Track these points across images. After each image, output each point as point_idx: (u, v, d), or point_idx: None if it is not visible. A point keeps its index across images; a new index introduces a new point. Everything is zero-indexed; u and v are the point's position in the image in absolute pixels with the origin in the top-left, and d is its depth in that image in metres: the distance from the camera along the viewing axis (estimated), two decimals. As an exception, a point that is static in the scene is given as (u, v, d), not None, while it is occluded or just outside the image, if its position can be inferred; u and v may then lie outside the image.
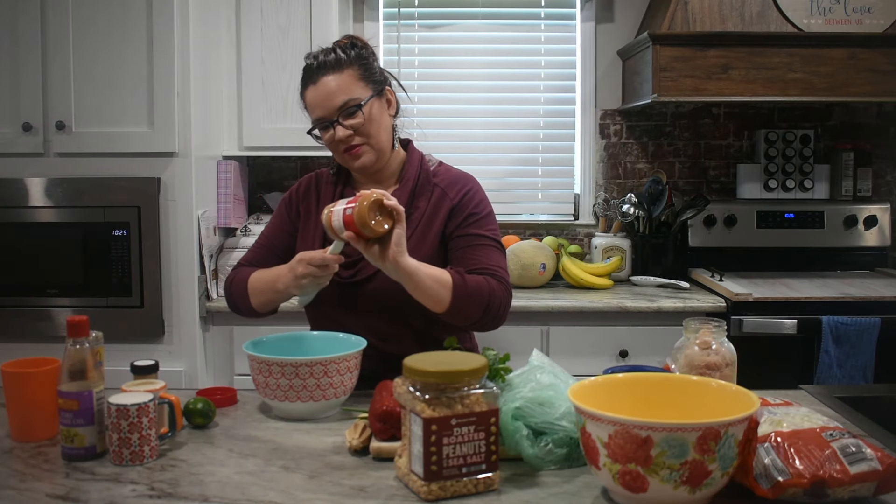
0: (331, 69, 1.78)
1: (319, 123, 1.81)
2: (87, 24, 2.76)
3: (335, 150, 1.83)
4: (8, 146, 2.80)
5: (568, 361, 1.90)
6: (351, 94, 1.78)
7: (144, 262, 2.79)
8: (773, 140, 3.41)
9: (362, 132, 1.79)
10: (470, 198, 1.86)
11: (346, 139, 1.79)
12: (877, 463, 1.16)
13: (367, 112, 1.79)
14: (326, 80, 1.78)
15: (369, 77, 1.82)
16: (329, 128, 1.80)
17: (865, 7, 3.02)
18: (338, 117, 1.78)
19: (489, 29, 3.51)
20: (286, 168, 3.54)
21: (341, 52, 1.81)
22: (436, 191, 1.86)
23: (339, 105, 1.77)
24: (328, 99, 1.78)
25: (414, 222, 1.82)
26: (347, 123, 1.78)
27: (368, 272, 1.80)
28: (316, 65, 1.80)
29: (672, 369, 1.57)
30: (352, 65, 1.80)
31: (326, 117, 1.79)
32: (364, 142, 1.80)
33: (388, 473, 1.33)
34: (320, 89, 1.78)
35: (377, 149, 1.82)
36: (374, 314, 1.82)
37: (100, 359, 1.56)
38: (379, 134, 1.82)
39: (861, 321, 2.74)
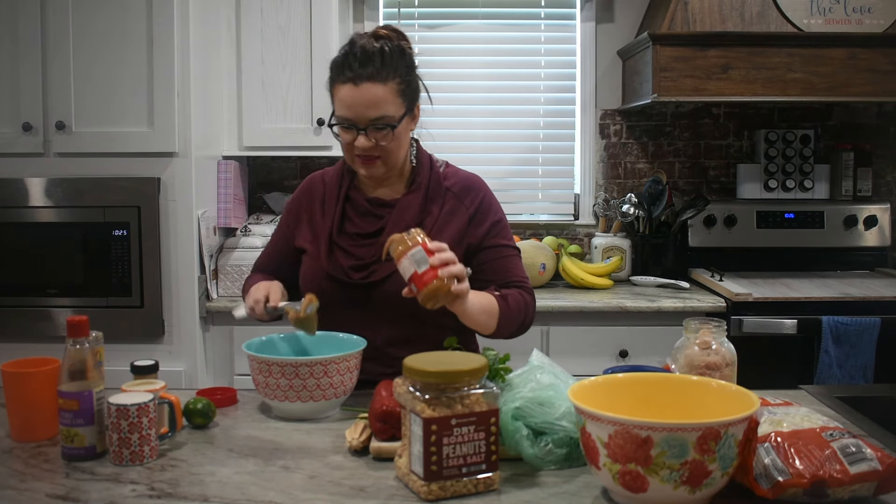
0: (377, 77, 1.72)
1: (344, 122, 1.75)
2: (87, 25, 2.76)
3: (348, 151, 1.79)
4: (8, 146, 2.80)
5: (568, 361, 1.90)
6: (387, 110, 1.73)
7: (144, 262, 2.79)
8: (773, 140, 3.41)
9: (384, 149, 1.76)
10: (487, 205, 1.87)
11: (366, 149, 1.75)
12: (877, 463, 1.16)
13: (394, 132, 1.75)
14: (369, 87, 1.71)
15: (407, 93, 1.78)
16: (352, 130, 1.75)
17: (865, 7, 3.02)
18: (366, 127, 1.73)
19: (489, 29, 3.51)
20: (286, 168, 3.54)
21: (390, 57, 1.74)
22: (448, 197, 1.85)
23: (373, 117, 1.72)
24: (366, 108, 1.72)
25: (426, 227, 1.80)
26: (373, 136, 1.74)
27: (382, 274, 1.78)
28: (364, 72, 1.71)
29: (672, 369, 1.57)
30: (397, 78, 1.74)
31: (355, 121, 1.74)
32: (381, 156, 1.77)
33: (388, 473, 1.33)
34: (361, 94, 1.71)
35: (391, 164, 1.80)
36: (386, 318, 1.80)
37: (100, 359, 1.56)
38: (398, 151, 1.80)
39: (861, 321, 2.74)
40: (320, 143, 3.12)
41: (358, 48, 1.73)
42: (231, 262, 3.03)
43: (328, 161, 3.52)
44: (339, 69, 1.75)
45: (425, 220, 1.82)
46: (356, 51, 1.73)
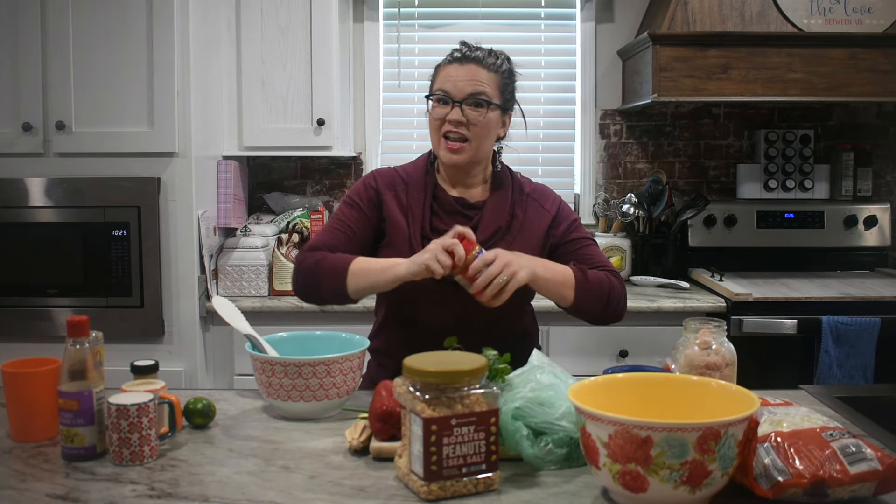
0: (481, 63, 1.83)
1: (442, 94, 1.82)
2: (87, 25, 2.76)
3: (437, 129, 1.83)
4: (8, 146, 2.80)
5: (568, 361, 1.90)
6: (485, 89, 1.82)
7: (144, 262, 2.79)
8: (773, 140, 3.41)
9: (473, 130, 1.81)
10: (565, 208, 1.96)
11: (456, 124, 1.80)
12: (877, 463, 1.16)
13: (488, 115, 1.82)
14: (473, 67, 1.82)
15: (505, 92, 1.88)
16: (447, 104, 1.81)
17: (865, 7, 3.02)
18: (462, 100, 1.80)
19: (489, 29, 3.51)
20: (286, 168, 3.54)
21: (495, 57, 1.86)
22: (530, 202, 1.92)
23: (471, 91, 1.80)
24: (467, 82, 1.81)
25: (515, 229, 1.87)
26: (467, 112, 1.80)
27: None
28: (471, 54, 1.83)
29: (672, 369, 1.57)
30: (500, 73, 1.86)
31: (451, 94, 1.81)
32: (468, 139, 1.82)
33: (388, 473, 1.33)
34: (465, 70, 1.82)
35: (474, 153, 1.84)
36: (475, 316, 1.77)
37: (100, 359, 1.56)
38: (483, 140, 1.85)
39: (861, 321, 2.74)
40: (320, 143, 3.12)
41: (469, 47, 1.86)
42: (231, 262, 3.03)
43: (328, 161, 3.52)
44: (450, 57, 1.85)
45: (513, 221, 1.87)
46: (466, 49, 1.85)
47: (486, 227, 1.85)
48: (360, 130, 3.53)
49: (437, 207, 1.88)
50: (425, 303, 1.83)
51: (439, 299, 1.81)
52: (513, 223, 1.87)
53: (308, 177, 3.54)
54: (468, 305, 1.74)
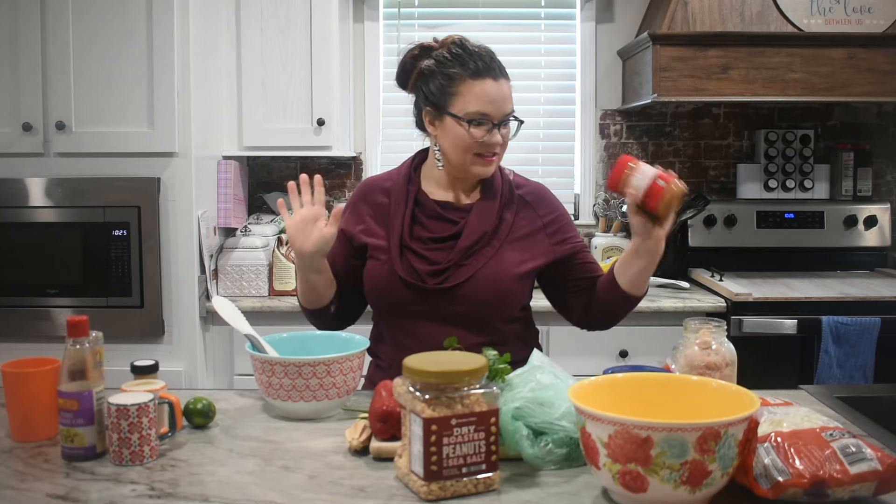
0: (505, 75, 1.80)
1: (483, 118, 1.76)
2: (87, 25, 2.76)
3: (468, 150, 1.77)
4: (8, 146, 2.80)
5: (568, 361, 1.90)
6: (513, 106, 1.80)
7: (144, 262, 2.79)
8: (773, 140, 3.42)
9: (505, 146, 1.81)
10: (560, 212, 1.91)
11: (494, 146, 1.78)
12: (877, 463, 1.16)
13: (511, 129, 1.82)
14: (505, 83, 1.79)
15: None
16: (488, 125, 1.76)
17: (865, 7, 3.02)
18: (500, 122, 1.77)
19: (489, 29, 3.51)
20: (286, 168, 3.54)
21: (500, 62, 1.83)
22: (521, 205, 1.87)
23: (508, 111, 1.78)
24: (504, 102, 1.77)
25: (502, 233, 1.83)
26: (503, 132, 1.79)
27: (457, 279, 1.78)
28: (494, 64, 1.79)
29: (672, 369, 1.57)
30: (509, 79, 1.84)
31: (494, 117, 1.76)
32: (498, 153, 1.81)
33: (388, 473, 1.33)
34: (502, 89, 1.78)
35: (500, 162, 1.85)
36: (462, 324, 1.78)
37: (100, 359, 1.56)
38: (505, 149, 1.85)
39: (861, 321, 2.74)
40: (320, 143, 3.12)
41: (476, 48, 1.80)
42: (231, 262, 3.03)
43: (328, 161, 3.52)
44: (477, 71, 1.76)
45: (500, 225, 1.83)
46: (479, 50, 1.79)
47: (471, 233, 1.80)
48: (360, 130, 3.53)
49: (420, 213, 1.84)
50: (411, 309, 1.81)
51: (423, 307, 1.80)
52: (500, 227, 1.82)
53: (308, 177, 3.54)
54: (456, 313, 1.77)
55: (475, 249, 1.79)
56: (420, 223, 1.84)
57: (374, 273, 1.83)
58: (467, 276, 1.77)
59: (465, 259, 1.79)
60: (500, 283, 1.78)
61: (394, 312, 1.84)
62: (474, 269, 1.78)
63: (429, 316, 1.80)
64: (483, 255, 1.78)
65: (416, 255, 1.81)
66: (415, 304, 1.79)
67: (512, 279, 1.79)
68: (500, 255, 1.80)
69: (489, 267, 1.78)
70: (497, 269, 1.78)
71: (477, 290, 1.77)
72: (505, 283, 1.78)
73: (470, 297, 1.77)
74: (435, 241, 1.82)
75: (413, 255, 1.81)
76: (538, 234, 1.85)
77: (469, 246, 1.79)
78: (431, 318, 1.79)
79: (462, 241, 1.79)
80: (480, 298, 1.77)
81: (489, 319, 1.81)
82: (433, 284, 1.78)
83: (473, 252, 1.79)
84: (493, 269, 1.78)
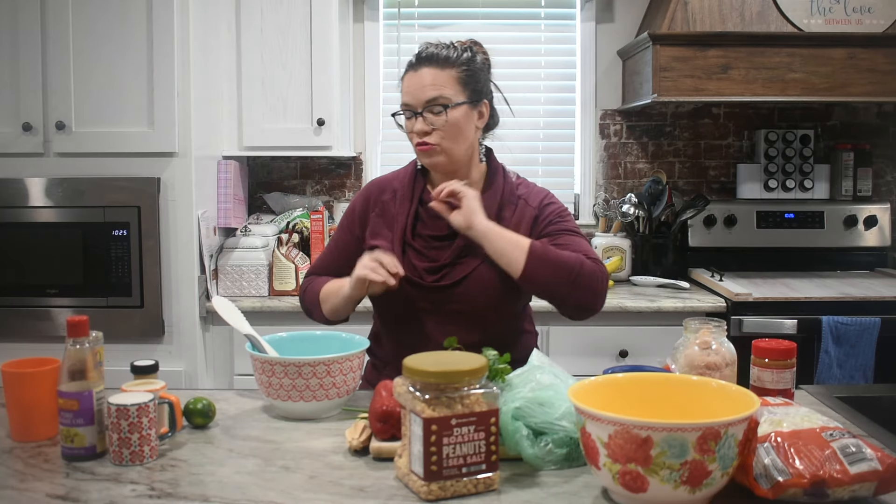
0: (434, 63, 1.81)
1: (404, 109, 1.82)
2: (87, 25, 2.76)
3: (411, 139, 1.83)
4: (8, 146, 2.80)
5: (568, 361, 1.90)
6: (442, 92, 1.78)
7: (144, 262, 2.79)
8: (773, 140, 3.41)
9: (442, 134, 1.79)
10: (552, 205, 1.88)
11: (422, 133, 1.79)
12: (877, 463, 1.16)
13: (452, 115, 1.78)
14: (426, 71, 1.80)
15: (469, 84, 1.82)
16: (412, 117, 1.81)
17: (865, 7, 3.02)
18: (423, 110, 1.79)
19: (489, 29, 3.51)
20: (286, 168, 3.54)
21: (453, 51, 1.83)
22: (519, 202, 1.88)
23: (427, 98, 1.78)
24: (420, 89, 1.79)
25: None
26: (429, 119, 1.78)
27: (455, 277, 1.79)
28: (424, 55, 1.82)
29: (672, 369, 1.57)
30: (456, 66, 1.81)
31: (413, 106, 1.80)
32: (438, 142, 1.80)
33: (388, 473, 1.33)
34: (417, 78, 1.80)
35: (449, 153, 1.81)
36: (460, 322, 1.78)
37: (100, 359, 1.56)
38: (456, 140, 1.81)
39: (861, 321, 2.74)
40: (320, 143, 3.12)
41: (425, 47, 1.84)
42: (231, 262, 3.03)
43: (328, 161, 3.52)
44: (408, 64, 1.84)
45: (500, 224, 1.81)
46: (422, 49, 1.84)
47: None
48: (360, 130, 3.53)
49: (423, 212, 1.86)
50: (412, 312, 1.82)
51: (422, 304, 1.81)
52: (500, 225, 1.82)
53: (308, 177, 3.54)
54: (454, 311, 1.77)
55: (472, 248, 1.79)
56: (423, 221, 1.86)
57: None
58: (463, 274, 1.78)
59: (461, 257, 1.80)
60: (496, 281, 1.78)
61: (393, 309, 1.85)
62: (471, 268, 1.79)
63: (428, 313, 1.81)
64: (480, 254, 1.79)
65: (417, 252, 1.83)
66: (414, 302, 1.81)
67: (508, 277, 1.78)
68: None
69: (486, 265, 1.78)
70: (493, 267, 1.78)
71: (473, 288, 1.78)
72: (501, 282, 1.78)
73: (466, 295, 1.78)
74: (436, 238, 1.83)
75: (414, 253, 1.83)
76: (531, 229, 1.85)
77: (465, 244, 1.79)
78: (430, 315, 1.80)
79: (460, 239, 1.80)
80: (475, 297, 1.78)
81: (486, 317, 1.81)
82: (431, 282, 1.79)
83: (470, 251, 1.79)
84: (490, 268, 1.78)
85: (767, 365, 1.53)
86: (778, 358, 1.52)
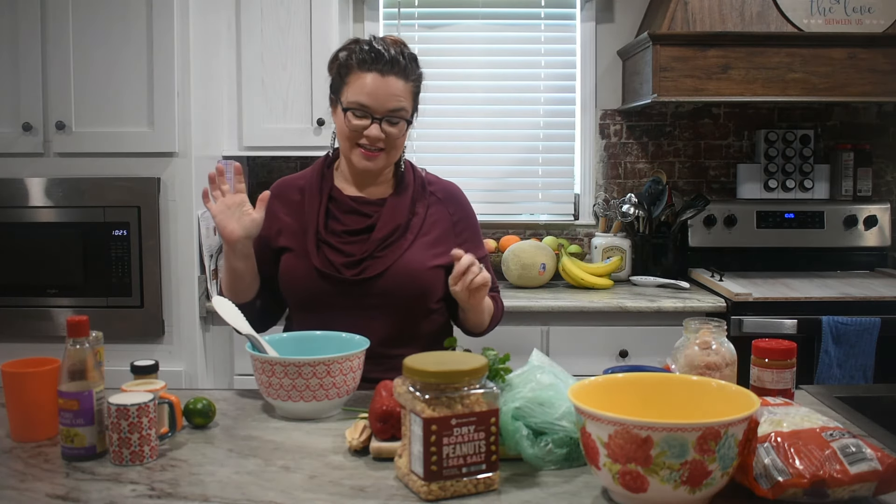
0: (400, 73, 1.80)
1: (360, 109, 1.79)
2: (87, 25, 2.76)
3: (352, 140, 1.82)
4: (8, 146, 2.80)
5: (568, 361, 1.90)
6: (404, 104, 1.81)
7: (144, 262, 2.79)
8: (773, 140, 3.41)
9: (391, 142, 1.82)
10: (469, 216, 1.98)
11: (375, 140, 1.80)
12: (877, 463, 1.16)
13: (404, 128, 1.83)
14: (394, 80, 1.79)
15: (415, 99, 1.87)
16: (366, 118, 1.79)
17: (865, 7, 3.02)
18: (383, 117, 1.79)
19: (489, 29, 3.51)
20: (286, 168, 3.54)
21: (410, 62, 1.83)
22: (433, 200, 1.93)
23: (392, 108, 1.79)
24: (387, 97, 1.78)
25: (415, 227, 1.88)
26: (386, 129, 1.80)
27: (375, 270, 1.81)
28: (388, 58, 1.79)
29: (672, 369, 1.57)
30: (414, 81, 1.84)
31: (373, 109, 1.79)
32: (385, 150, 1.82)
33: (388, 473, 1.33)
34: (385, 84, 1.78)
35: (389, 161, 1.86)
36: (380, 315, 1.82)
37: (100, 359, 1.56)
38: (399, 150, 1.87)
39: (861, 321, 2.74)
40: (320, 143, 3.11)
41: (381, 45, 1.80)
42: (231, 262, 3.03)
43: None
44: (363, 60, 1.79)
45: (412, 219, 1.88)
46: (380, 47, 1.80)
47: (384, 225, 1.85)
48: (360, 130, 3.52)
49: (334, 208, 1.89)
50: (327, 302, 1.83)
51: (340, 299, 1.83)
52: (412, 221, 1.87)
53: (308, 177, 3.54)
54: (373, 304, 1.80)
55: (390, 241, 1.83)
56: (335, 218, 1.88)
57: (290, 266, 1.86)
58: (384, 267, 1.81)
59: (381, 251, 1.83)
60: (416, 274, 1.82)
61: (310, 306, 1.86)
62: (390, 261, 1.82)
63: (345, 308, 1.82)
64: (398, 248, 1.83)
65: (332, 248, 1.84)
66: (332, 297, 1.82)
67: (426, 271, 1.83)
68: (413, 248, 1.84)
69: (404, 259, 1.82)
70: (412, 260, 1.82)
71: (393, 281, 1.81)
72: (420, 275, 1.83)
73: (386, 288, 1.81)
74: (350, 233, 1.86)
75: (329, 249, 1.84)
76: (448, 231, 1.91)
77: (383, 238, 1.83)
78: (348, 310, 1.82)
79: (376, 233, 1.83)
80: (397, 290, 1.81)
81: (405, 312, 1.84)
82: (350, 276, 1.81)
83: (388, 244, 1.83)
84: (408, 261, 1.82)
85: (767, 365, 1.53)
86: (778, 358, 1.52)
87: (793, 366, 1.53)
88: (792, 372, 1.53)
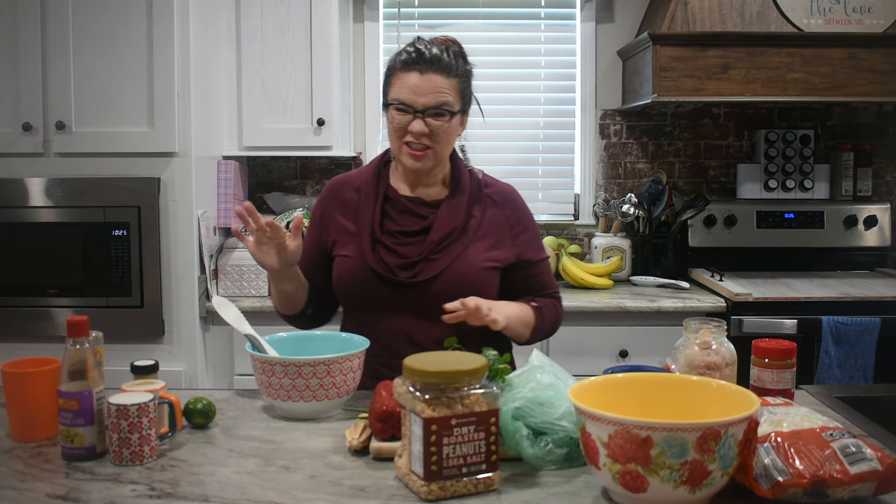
0: (442, 70, 1.79)
1: (402, 106, 1.79)
2: (87, 25, 2.76)
3: (399, 137, 1.81)
4: (8, 146, 2.80)
5: (568, 361, 1.90)
6: (447, 99, 1.79)
7: (144, 262, 2.79)
8: (773, 140, 3.41)
9: (436, 138, 1.80)
10: (526, 218, 1.96)
11: (419, 136, 1.79)
12: (877, 463, 1.16)
13: (449, 123, 1.81)
14: (434, 76, 1.78)
15: (464, 95, 1.85)
16: (408, 114, 1.78)
17: (865, 7, 3.02)
18: (424, 112, 1.78)
19: (489, 29, 3.51)
20: (286, 168, 3.54)
21: (454, 58, 1.82)
22: (489, 203, 1.90)
23: (433, 104, 1.78)
24: (429, 93, 1.77)
25: (471, 229, 1.86)
26: (430, 122, 1.78)
27: (429, 273, 1.80)
28: (430, 56, 1.79)
29: (672, 369, 1.57)
30: (459, 77, 1.82)
31: (413, 105, 1.78)
32: (431, 147, 1.81)
33: (388, 473, 1.33)
34: (427, 81, 1.77)
35: (438, 158, 1.84)
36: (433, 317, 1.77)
37: (100, 359, 1.56)
38: (446, 146, 1.85)
39: (861, 321, 2.74)
40: (320, 143, 3.12)
41: (423, 45, 1.81)
42: (231, 262, 3.03)
43: (328, 161, 3.52)
44: (405, 62, 1.80)
45: (469, 222, 1.86)
46: (421, 47, 1.80)
47: (440, 227, 1.83)
48: (360, 130, 3.53)
49: (389, 208, 1.87)
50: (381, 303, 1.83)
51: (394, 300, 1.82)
52: (469, 223, 1.85)
53: (308, 177, 3.54)
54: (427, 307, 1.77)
55: (445, 244, 1.82)
56: (390, 218, 1.87)
57: (345, 266, 1.86)
58: (438, 270, 1.80)
59: (436, 253, 1.81)
60: (470, 277, 1.81)
61: (364, 306, 1.85)
62: (445, 264, 1.81)
63: (398, 309, 1.82)
64: (453, 251, 1.81)
65: (387, 248, 1.83)
66: (386, 298, 1.81)
67: (481, 274, 1.82)
68: (469, 251, 1.83)
69: (459, 262, 1.81)
70: (467, 263, 1.81)
71: (448, 284, 1.79)
72: (474, 278, 1.81)
73: (441, 291, 1.78)
74: (405, 234, 1.85)
75: (384, 249, 1.83)
76: (505, 233, 1.89)
77: (439, 240, 1.82)
78: (401, 311, 1.82)
79: (432, 236, 1.82)
80: (451, 293, 1.77)
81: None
82: (405, 278, 1.80)
83: (444, 247, 1.81)
84: (463, 264, 1.81)
85: (767, 365, 1.53)
86: (778, 358, 1.52)
87: (793, 366, 1.53)
88: (792, 372, 1.53)
